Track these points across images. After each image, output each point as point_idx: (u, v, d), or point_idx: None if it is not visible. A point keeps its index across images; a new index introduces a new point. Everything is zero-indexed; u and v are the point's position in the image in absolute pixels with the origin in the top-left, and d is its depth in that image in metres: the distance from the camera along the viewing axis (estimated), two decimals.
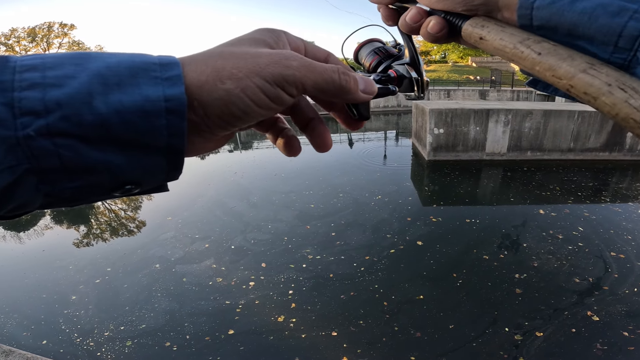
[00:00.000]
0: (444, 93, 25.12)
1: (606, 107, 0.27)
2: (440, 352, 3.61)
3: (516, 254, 5.37)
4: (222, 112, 0.27)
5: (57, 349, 3.82)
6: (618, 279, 4.67)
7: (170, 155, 0.26)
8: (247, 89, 0.27)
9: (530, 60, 0.31)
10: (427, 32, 0.40)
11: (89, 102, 0.22)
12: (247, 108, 0.27)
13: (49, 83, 0.22)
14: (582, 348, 3.59)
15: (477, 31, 0.36)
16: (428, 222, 6.46)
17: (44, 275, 5.40)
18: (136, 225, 7.51)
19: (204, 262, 5.45)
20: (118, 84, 0.23)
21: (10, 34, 35.16)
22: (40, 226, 7.66)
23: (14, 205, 0.23)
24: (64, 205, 0.26)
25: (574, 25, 0.29)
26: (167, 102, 0.24)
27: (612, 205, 7.01)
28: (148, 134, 0.24)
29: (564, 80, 0.29)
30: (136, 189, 0.27)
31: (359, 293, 4.52)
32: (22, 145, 0.21)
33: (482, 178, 9.30)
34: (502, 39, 0.33)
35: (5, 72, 0.22)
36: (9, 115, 0.21)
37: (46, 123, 0.21)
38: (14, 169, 0.21)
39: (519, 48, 0.32)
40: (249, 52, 0.29)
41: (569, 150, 10.09)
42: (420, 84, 0.48)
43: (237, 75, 0.27)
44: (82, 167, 0.23)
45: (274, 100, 0.28)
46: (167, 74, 0.25)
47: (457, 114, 9.99)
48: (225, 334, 3.94)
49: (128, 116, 0.23)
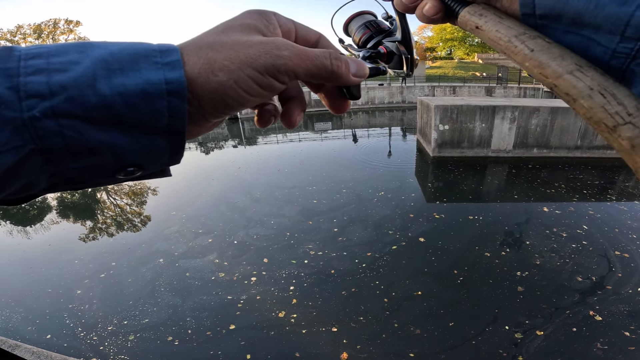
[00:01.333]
0: (449, 89, 24.92)
1: (582, 109, 0.27)
2: (439, 349, 3.62)
3: (519, 252, 5.35)
4: (216, 103, 0.28)
5: (61, 343, 3.89)
6: (622, 278, 4.63)
7: (172, 136, 0.27)
8: (239, 80, 0.27)
9: (522, 56, 0.31)
10: (422, 14, 0.39)
11: (93, 85, 0.23)
12: (241, 98, 0.28)
13: (54, 68, 0.23)
14: (583, 347, 3.58)
15: (474, 20, 0.35)
16: (431, 219, 6.44)
17: (50, 270, 5.49)
18: (141, 220, 7.58)
19: (207, 257, 5.50)
20: (121, 68, 0.24)
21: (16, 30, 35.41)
22: (47, 221, 7.77)
23: (19, 184, 0.24)
24: (69, 188, 0.27)
25: (579, 14, 0.28)
26: (168, 84, 0.25)
27: (617, 204, 6.94)
28: (150, 115, 0.25)
29: (550, 79, 0.29)
30: (138, 172, 0.28)
31: (360, 289, 4.54)
32: (28, 126, 0.22)
33: (487, 175, 9.24)
34: (498, 31, 0.33)
35: (10, 60, 0.23)
36: (15, 98, 0.22)
37: (51, 105, 0.22)
38: (19, 149, 0.22)
39: (513, 42, 0.32)
40: (240, 42, 0.29)
41: (575, 148, 9.98)
42: (410, 61, 0.47)
43: (229, 67, 0.27)
44: (85, 148, 0.24)
45: (266, 89, 0.29)
46: (167, 59, 0.26)
47: (462, 111, 9.91)
48: (227, 329, 3.98)
49: (131, 98, 0.24)
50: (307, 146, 13.64)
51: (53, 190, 0.27)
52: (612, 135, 0.26)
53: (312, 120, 20.42)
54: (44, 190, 0.27)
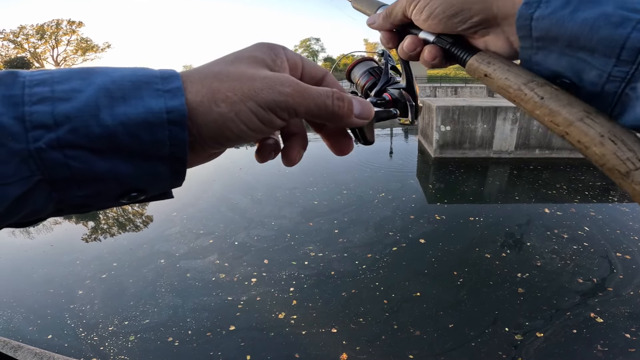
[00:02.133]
0: (451, 90, 24.90)
1: (595, 156, 0.28)
2: (438, 351, 3.62)
3: (519, 253, 5.34)
4: (215, 134, 0.28)
5: (62, 343, 3.91)
6: (623, 280, 4.62)
7: (174, 164, 0.27)
8: (240, 113, 0.27)
9: (532, 104, 0.31)
10: (423, 60, 0.41)
11: (96, 115, 0.23)
12: (240, 132, 0.28)
13: (58, 97, 0.23)
14: (583, 349, 3.57)
15: (483, 68, 0.36)
16: (432, 220, 6.44)
17: (52, 270, 5.52)
18: (142, 220, 7.61)
19: (208, 258, 5.52)
20: (123, 97, 0.24)
21: (19, 31, 35.52)
22: (49, 221, 7.79)
23: (27, 211, 0.24)
24: (74, 212, 0.28)
25: (575, 37, 0.28)
26: (169, 113, 0.25)
27: (619, 205, 6.91)
28: (152, 144, 0.25)
29: (561, 127, 0.29)
30: (141, 196, 0.28)
31: (359, 290, 4.54)
32: (35, 157, 0.22)
33: (488, 176, 9.23)
34: (507, 79, 0.33)
35: (15, 87, 0.23)
36: (21, 129, 0.22)
37: (56, 136, 0.22)
38: (27, 180, 0.22)
39: (522, 90, 0.32)
40: (246, 74, 0.29)
41: None
42: (415, 109, 0.48)
43: (232, 98, 0.27)
44: (90, 177, 0.24)
45: (266, 124, 0.29)
46: (168, 87, 0.26)
47: (464, 111, 9.90)
48: (227, 330, 3.99)
49: (133, 128, 0.24)
50: (308, 147, 13.55)
51: (58, 214, 0.28)
52: (626, 181, 0.27)
53: None
54: (50, 215, 0.27)
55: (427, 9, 0.38)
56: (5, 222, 0.24)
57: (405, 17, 0.42)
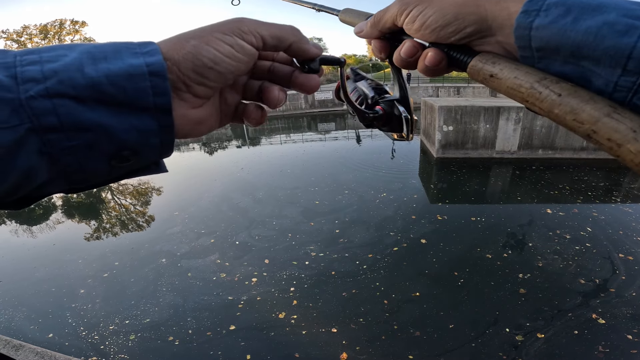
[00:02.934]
0: (453, 90, 24.76)
1: (630, 154, 0.25)
2: (438, 351, 3.61)
3: (521, 254, 5.32)
4: (193, 65, 0.31)
5: (63, 342, 3.94)
6: (625, 281, 4.58)
7: (159, 116, 0.29)
8: (210, 41, 0.31)
9: (550, 102, 0.28)
10: (425, 66, 0.38)
11: (81, 70, 0.26)
12: (214, 56, 0.31)
13: (46, 59, 0.26)
14: (584, 350, 3.55)
15: (488, 68, 0.33)
16: (433, 220, 6.42)
17: (54, 269, 5.55)
18: (144, 220, 7.64)
19: (209, 257, 5.53)
20: (104, 57, 0.28)
21: (22, 30, 35.62)
22: (52, 220, 7.85)
23: (20, 172, 0.26)
24: (69, 182, 0.29)
25: (578, 47, 0.27)
26: (149, 66, 0.28)
27: (622, 206, 6.86)
28: (135, 93, 0.28)
29: (587, 125, 0.26)
30: (133, 158, 0.30)
31: (360, 291, 4.53)
32: (25, 106, 0.25)
33: (491, 176, 9.20)
34: (517, 78, 0.30)
35: (7, 56, 0.26)
36: (13, 83, 0.25)
37: (45, 86, 0.25)
38: (16, 128, 0.24)
39: (536, 88, 0.29)
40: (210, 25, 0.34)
41: (581, 149, 9.87)
42: (411, 123, 0.44)
43: (200, 34, 0.32)
44: (77, 125, 0.26)
45: (236, 49, 0.33)
46: (146, 49, 0.29)
47: (466, 111, 9.86)
48: (227, 330, 3.99)
49: (115, 79, 0.27)
50: (310, 147, 13.65)
51: (54, 188, 0.30)
52: None
53: (315, 121, 20.41)
54: (45, 186, 0.29)
55: (420, 19, 0.37)
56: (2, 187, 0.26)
57: (394, 25, 0.41)
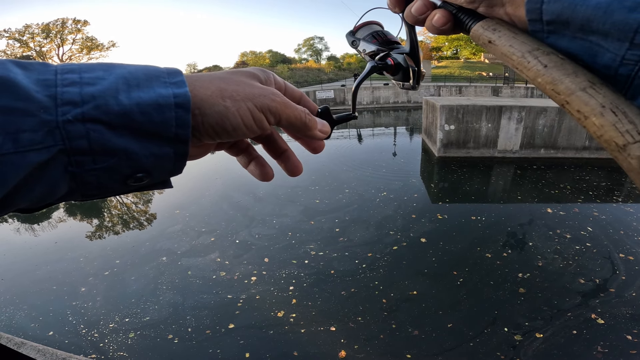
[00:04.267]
0: (455, 89, 24.70)
1: (593, 127, 0.27)
2: (436, 351, 3.61)
3: (521, 253, 5.31)
4: (216, 124, 0.32)
5: (63, 339, 3.96)
6: (625, 281, 4.57)
7: (177, 145, 0.31)
8: (241, 109, 0.33)
9: (535, 72, 0.30)
10: (431, 25, 0.40)
11: (116, 96, 0.28)
12: (237, 125, 0.33)
13: (85, 82, 0.28)
14: (582, 350, 3.55)
15: (488, 34, 0.35)
16: (434, 219, 6.41)
17: (56, 267, 5.58)
18: (145, 218, 7.67)
19: (209, 256, 5.55)
20: (137, 85, 0.29)
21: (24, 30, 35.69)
22: (54, 219, 7.89)
23: (44, 187, 0.27)
24: (83, 195, 0.30)
25: (588, 20, 0.28)
26: (176, 98, 0.30)
27: (623, 205, 6.83)
28: (160, 123, 0.29)
29: (562, 95, 0.29)
30: (147, 178, 0.31)
31: (359, 290, 4.54)
32: (61, 128, 0.26)
33: (492, 175, 9.18)
34: (512, 46, 0.33)
35: (48, 73, 0.27)
36: (52, 104, 0.26)
37: (82, 111, 0.26)
38: (50, 148, 0.25)
39: (526, 57, 0.31)
40: (246, 82, 0.35)
41: (583, 149, 9.84)
42: (417, 75, 0.48)
43: (236, 97, 0.33)
44: (105, 150, 0.27)
45: (258, 124, 0.35)
46: (174, 80, 0.31)
47: (468, 111, 9.85)
48: (226, 328, 4.01)
49: (145, 108, 0.28)
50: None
51: (67, 199, 0.31)
52: (622, 154, 0.26)
53: None
54: (62, 198, 0.30)
55: None
56: (22, 198, 0.27)
57: None
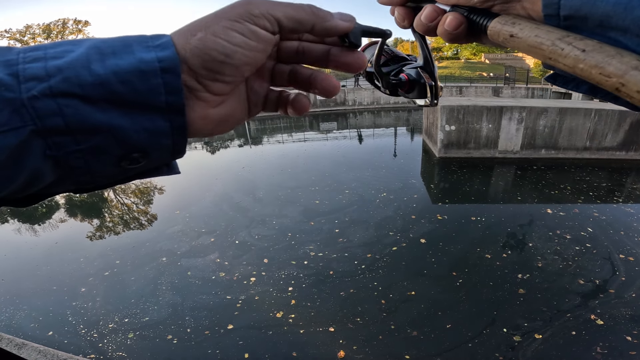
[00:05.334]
0: (456, 90, 24.68)
1: None
2: (435, 351, 3.61)
3: (520, 254, 5.30)
4: (203, 60, 0.27)
5: (62, 339, 3.97)
6: (625, 282, 4.56)
7: (172, 116, 0.27)
8: (217, 32, 0.28)
9: (573, 58, 0.28)
10: (444, 30, 0.37)
11: (88, 66, 0.24)
12: (224, 49, 0.28)
13: (50, 56, 0.24)
14: (581, 351, 3.54)
15: (508, 28, 0.33)
16: (433, 220, 6.41)
17: (56, 267, 5.59)
18: (146, 218, 7.68)
19: (209, 257, 5.55)
20: (113, 52, 0.25)
21: (25, 30, 35.75)
22: (55, 219, 7.91)
23: (25, 175, 0.24)
24: (77, 182, 0.28)
25: (607, 16, 0.27)
26: (161, 62, 0.26)
27: (624, 206, 6.82)
28: (146, 92, 0.25)
29: (614, 78, 0.26)
30: (144, 159, 0.28)
31: (358, 290, 4.54)
32: (27, 106, 0.23)
33: (493, 176, 9.17)
34: (538, 36, 0.31)
35: (10, 53, 0.25)
36: (15, 82, 0.23)
37: (49, 85, 0.23)
38: (19, 130, 0.22)
39: (558, 45, 0.29)
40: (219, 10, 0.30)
41: (584, 149, 9.82)
42: (435, 90, 0.45)
43: (205, 24, 0.28)
44: (85, 127, 0.24)
45: (249, 36, 0.29)
46: (158, 42, 0.27)
47: (469, 111, 9.83)
48: (225, 329, 4.02)
49: (125, 75, 0.25)
50: (311, 146, 13.66)
51: (61, 188, 0.28)
52: None
53: (317, 120, 20.39)
54: (52, 187, 0.28)
55: None
56: (2, 187, 0.24)
57: None
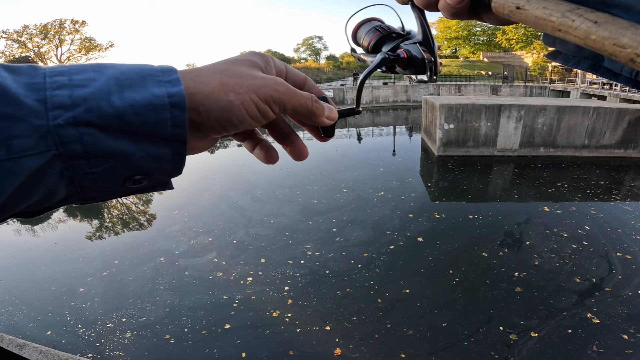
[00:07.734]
0: (454, 88, 24.70)
1: None
2: (430, 350, 3.62)
3: (517, 252, 5.30)
4: (222, 118, 0.32)
5: (60, 339, 3.99)
6: (622, 281, 4.56)
7: (174, 145, 0.30)
8: (245, 102, 0.33)
9: (584, 30, 0.27)
10: (446, 4, 0.36)
11: (108, 98, 0.27)
12: (243, 118, 0.33)
13: (75, 84, 0.27)
14: (577, 350, 3.55)
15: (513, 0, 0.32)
16: (431, 218, 6.42)
17: (55, 268, 5.61)
18: (144, 218, 7.70)
19: (206, 256, 5.57)
20: (130, 85, 0.28)
21: (22, 30, 35.65)
22: (54, 219, 7.92)
23: (42, 193, 0.26)
24: (82, 199, 0.30)
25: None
26: (170, 97, 0.29)
27: (621, 204, 6.82)
28: (155, 124, 0.28)
29: (629, 49, 0.25)
30: (145, 181, 0.31)
31: (354, 289, 4.55)
32: (52, 133, 0.25)
33: (491, 174, 9.17)
34: (547, 7, 0.29)
35: (37, 76, 0.26)
36: (43, 108, 0.25)
37: (73, 114, 0.26)
38: (43, 154, 0.25)
39: (568, 17, 0.28)
40: (247, 73, 0.34)
41: (583, 147, 9.84)
42: (434, 66, 0.44)
43: (239, 90, 0.33)
44: (100, 153, 0.27)
45: (263, 115, 0.34)
46: (168, 78, 0.30)
47: (468, 109, 9.84)
48: (222, 328, 4.03)
49: (139, 109, 0.28)
50: (309, 145, 13.24)
51: (68, 202, 0.31)
52: None
53: None
54: (62, 201, 0.30)
55: None
56: (20, 204, 0.26)
57: None
